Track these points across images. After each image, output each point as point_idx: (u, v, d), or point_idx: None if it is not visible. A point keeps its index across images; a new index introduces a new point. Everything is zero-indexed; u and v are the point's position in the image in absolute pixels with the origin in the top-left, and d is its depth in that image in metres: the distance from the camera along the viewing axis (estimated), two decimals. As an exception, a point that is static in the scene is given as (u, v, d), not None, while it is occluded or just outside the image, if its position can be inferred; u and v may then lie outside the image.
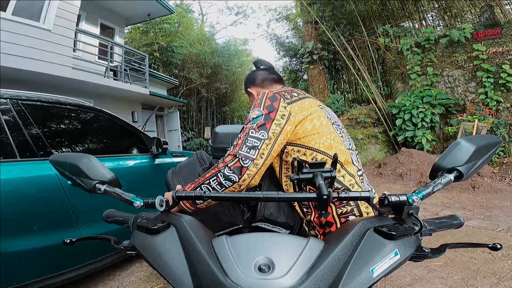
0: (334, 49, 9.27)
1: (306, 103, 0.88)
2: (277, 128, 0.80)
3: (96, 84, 5.87)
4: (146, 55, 7.88)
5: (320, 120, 0.87)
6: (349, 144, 0.93)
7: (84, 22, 6.98)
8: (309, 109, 0.86)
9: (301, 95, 0.91)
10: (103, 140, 2.29)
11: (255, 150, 0.75)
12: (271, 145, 0.78)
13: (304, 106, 0.86)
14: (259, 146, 0.76)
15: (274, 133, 0.79)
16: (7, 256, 1.39)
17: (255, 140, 0.76)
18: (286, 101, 0.84)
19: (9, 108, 1.59)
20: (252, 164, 0.74)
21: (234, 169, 0.74)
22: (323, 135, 0.85)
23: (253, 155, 0.75)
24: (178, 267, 0.51)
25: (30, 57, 4.54)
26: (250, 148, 0.75)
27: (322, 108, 0.92)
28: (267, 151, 0.77)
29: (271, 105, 0.82)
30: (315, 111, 0.87)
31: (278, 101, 0.83)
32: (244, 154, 0.74)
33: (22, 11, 4.73)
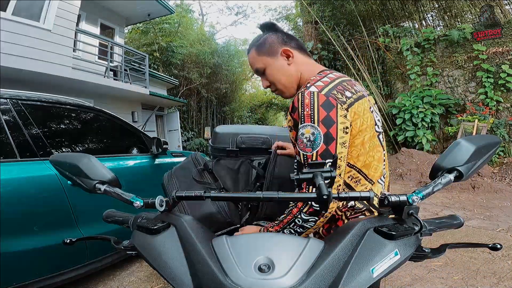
0: (334, 49, 9.27)
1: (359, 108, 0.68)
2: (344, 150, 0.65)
3: (96, 84, 5.87)
4: (146, 55, 7.88)
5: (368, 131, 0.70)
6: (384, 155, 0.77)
7: (84, 22, 6.99)
8: (361, 116, 0.68)
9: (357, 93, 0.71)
10: (103, 140, 2.29)
11: None
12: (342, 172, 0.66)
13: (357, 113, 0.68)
14: None
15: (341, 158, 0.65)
16: (7, 256, 1.39)
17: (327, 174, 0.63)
18: (344, 106, 0.66)
19: (9, 108, 1.59)
20: None
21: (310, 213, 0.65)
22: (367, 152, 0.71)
23: None
24: (178, 267, 0.51)
25: (30, 57, 4.54)
26: None
27: (373, 112, 0.74)
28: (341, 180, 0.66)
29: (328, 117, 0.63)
30: (367, 119, 0.70)
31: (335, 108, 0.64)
32: None
33: (22, 11, 4.73)
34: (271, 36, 0.81)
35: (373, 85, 8.06)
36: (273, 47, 0.80)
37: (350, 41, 8.89)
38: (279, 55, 0.79)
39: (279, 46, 0.80)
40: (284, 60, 0.79)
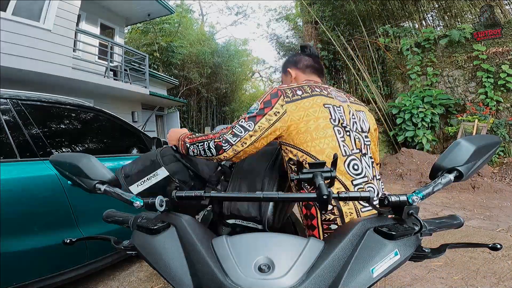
0: (334, 49, 9.27)
1: (307, 103, 0.85)
2: (266, 123, 0.83)
3: (96, 84, 5.87)
4: (146, 55, 7.88)
5: (318, 122, 0.84)
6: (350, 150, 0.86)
7: (84, 22, 6.99)
8: (307, 109, 0.85)
9: (306, 94, 0.87)
10: (103, 140, 2.29)
11: (237, 138, 0.83)
12: (256, 137, 0.84)
13: (303, 106, 0.85)
14: (242, 136, 0.83)
15: (260, 127, 0.83)
16: (7, 256, 1.39)
17: (241, 129, 0.83)
18: (286, 99, 0.85)
19: (9, 108, 1.59)
20: (230, 148, 0.83)
21: (216, 146, 0.84)
22: (317, 139, 0.83)
23: (233, 142, 0.83)
24: (178, 267, 0.51)
25: (30, 57, 4.54)
26: (233, 135, 0.83)
27: (328, 108, 0.87)
28: (250, 141, 0.84)
29: (269, 101, 0.85)
30: (315, 112, 0.85)
31: (277, 98, 0.85)
32: (226, 138, 0.83)
33: (22, 11, 4.73)
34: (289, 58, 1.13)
35: (373, 85, 8.06)
36: (285, 67, 1.11)
37: (350, 41, 8.89)
38: (287, 72, 1.09)
39: (288, 66, 1.10)
40: (289, 77, 1.08)
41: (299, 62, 1.07)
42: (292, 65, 1.08)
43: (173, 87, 11.02)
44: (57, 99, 1.89)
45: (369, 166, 0.89)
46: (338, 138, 0.85)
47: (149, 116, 8.21)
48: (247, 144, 0.83)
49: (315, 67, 1.06)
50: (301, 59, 1.07)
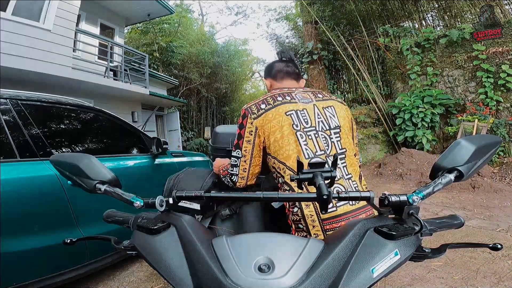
0: (334, 49, 9.27)
1: (270, 115, 0.92)
2: (248, 145, 0.93)
3: (96, 84, 5.87)
4: (146, 55, 7.88)
5: (282, 130, 0.90)
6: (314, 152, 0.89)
7: (84, 22, 6.98)
8: (271, 121, 0.91)
9: (269, 106, 0.93)
10: (103, 140, 2.29)
11: (237, 168, 0.95)
12: (249, 159, 0.94)
13: (267, 119, 0.91)
14: (238, 164, 0.95)
15: (246, 150, 0.93)
16: (7, 256, 1.39)
17: (234, 159, 0.95)
18: (253, 116, 0.93)
19: (9, 108, 1.59)
20: (238, 178, 0.96)
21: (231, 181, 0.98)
22: (283, 146, 0.90)
23: (236, 172, 0.95)
24: (178, 267, 0.51)
25: (30, 57, 4.54)
26: (233, 166, 0.96)
27: (291, 115, 0.91)
28: (247, 165, 0.94)
29: (242, 123, 0.94)
30: (278, 122, 0.91)
31: (246, 118, 0.93)
32: (230, 172, 0.97)
33: (22, 11, 4.73)
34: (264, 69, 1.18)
35: (373, 85, 8.05)
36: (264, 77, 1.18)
37: (350, 41, 8.89)
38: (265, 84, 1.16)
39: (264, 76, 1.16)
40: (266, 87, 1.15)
41: (271, 70, 1.11)
42: (266, 75, 1.14)
43: (173, 87, 11.01)
44: (57, 99, 1.89)
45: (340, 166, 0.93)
46: (301, 142, 0.90)
47: (149, 116, 8.21)
48: (246, 168, 0.94)
49: (285, 71, 1.09)
50: (273, 67, 1.11)
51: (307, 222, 0.87)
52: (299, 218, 0.89)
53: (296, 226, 0.91)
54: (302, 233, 0.89)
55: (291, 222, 0.92)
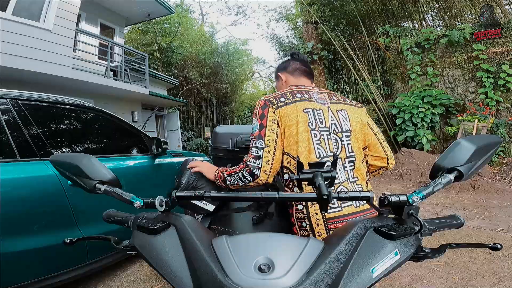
0: (334, 49, 9.27)
1: (289, 110, 0.92)
2: (272, 134, 0.89)
3: (96, 84, 5.86)
4: (146, 55, 7.88)
5: (298, 126, 0.90)
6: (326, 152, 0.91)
7: (84, 22, 6.98)
8: (290, 115, 0.91)
9: (288, 100, 0.93)
10: (103, 140, 2.29)
11: (260, 160, 0.88)
12: (273, 150, 0.89)
13: (287, 113, 0.91)
14: (261, 155, 0.88)
15: (270, 140, 0.89)
16: (7, 256, 1.39)
17: (257, 150, 0.89)
18: (274, 107, 0.91)
19: (9, 108, 1.59)
20: (260, 171, 0.88)
21: (250, 173, 0.89)
22: (298, 142, 0.90)
23: (259, 164, 0.88)
24: (178, 267, 0.51)
25: (30, 57, 4.54)
26: (255, 158, 0.89)
27: (308, 113, 0.93)
28: (271, 156, 0.89)
29: (262, 113, 0.91)
30: (296, 117, 0.91)
31: (267, 108, 0.91)
32: (252, 164, 0.89)
33: (22, 11, 4.73)
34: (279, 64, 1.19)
35: (373, 85, 8.06)
36: (276, 73, 1.17)
37: (350, 41, 8.89)
38: (279, 78, 1.15)
39: (278, 71, 1.15)
40: (280, 81, 1.14)
41: (288, 67, 1.13)
42: (282, 70, 1.15)
43: (173, 87, 11.01)
44: (57, 99, 1.89)
45: (342, 169, 0.93)
46: (314, 141, 0.91)
47: (149, 116, 8.20)
48: (270, 160, 0.89)
49: (303, 70, 1.11)
50: (290, 64, 1.13)
51: (311, 221, 0.88)
52: (303, 217, 0.89)
53: (299, 225, 0.91)
54: (305, 232, 0.90)
55: (295, 220, 0.92)
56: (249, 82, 20.46)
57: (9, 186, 1.44)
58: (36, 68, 4.60)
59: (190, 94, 12.62)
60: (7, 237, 1.39)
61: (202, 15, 20.32)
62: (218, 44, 14.65)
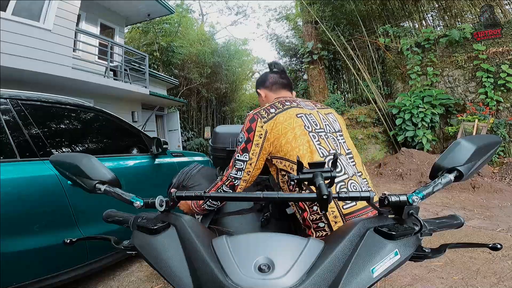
0: (334, 49, 9.27)
1: (281, 118, 0.94)
2: (256, 148, 0.93)
3: (96, 84, 5.86)
4: (146, 55, 7.87)
5: (294, 132, 0.92)
6: (328, 151, 0.93)
7: (84, 22, 6.98)
8: (283, 123, 0.93)
9: (279, 109, 0.96)
10: (103, 140, 2.29)
11: (241, 171, 0.94)
12: (255, 163, 0.94)
13: (278, 122, 0.93)
14: (244, 168, 0.94)
15: (254, 153, 0.93)
16: (7, 256, 1.39)
17: (240, 163, 0.94)
18: (263, 120, 0.94)
19: (9, 108, 1.59)
20: (241, 181, 0.94)
21: (229, 186, 0.95)
22: (296, 147, 0.91)
23: (240, 175, 0.94)
24: (178, 267, 0.51)
25: (30, 57, 4.54)
26: (237, 170, 0.94)
27: (301, 117, 0.95)
28: (252, 168, 0.94)
29: (250, 127, 0.94)
30: (290, 124, 0.93)
31: (255, 122, 0.94)
32: (234, 176, 0.94)
33: (22, 11, 4.72)
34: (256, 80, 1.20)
35: (373, 85, 8.06)
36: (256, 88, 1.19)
37: (350, 41, 8.89)
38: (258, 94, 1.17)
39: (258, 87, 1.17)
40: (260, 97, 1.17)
41: (266, 81, 1.14)
42: (260, 86, 1.16)
43: (173, 87, 11.01)
44: (57, 99, 1.89)
45: (348, 164, 0.95)
46: (314, 142, 0.93)
47: (149, 116, 8.20)
48: (251, 171, 0.94)
49: (281, 83, 1.12)
50: (267, 78, 1.14)
51: (329, 219, 0.87)
52: (319, 217, 0.89)
53: (315, 226, 0.90)
54: (323, 232, 0.89)
55: (310, 222, 0.91)
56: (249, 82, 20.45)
57: (9, 186, 1.43)
58: (36, 68, 4.59)
59: (190, 94, 12.62)
60: (7, 237, 1.39)
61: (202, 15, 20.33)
62: (218, 44, 14.65)
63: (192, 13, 15.17)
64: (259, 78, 1.19)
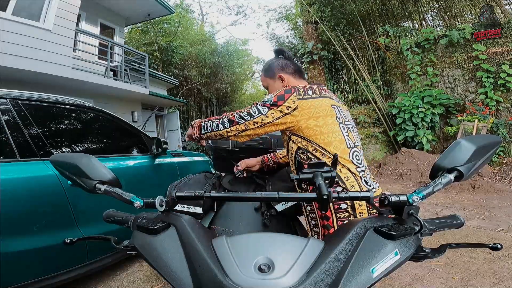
0: (334, 49, 9.27)
1: (317, 103, 0.96)
2: (277, 113, 0.93)
3: (96, 84, 5.86)
4: (146, 55, 7.88)
5: (326, 119, 0.95)
6: (354, 143, 0.98)
7: (84, 22, 6.98)
8: (317, 108, 0.95)
9: (316, 95, 0.98)
10: (103, 140, 2.29)
11: (250, 117, 0.94)
12: (266, 121, 0.93)
13: (313, 105, 0.95)
14: (255, 116, 0.93)
15: (272, 114, 0.93)
16: (7, 256, 1.39)
17: (255, 110, 0.94)
18: (298, 96, 0.94)
19: (9, 108, 1.59)
20: (243, 123, 0.94)
21: (229, 120, 0.96)
22: (325, 133, 0.94)
23: (247, 119, 0.94)
24: (178, 267, 0.51)
25: (30, 57, 4.54)
26: (248, 114, 0.94)
27: (334, 108, 0.99)
28: (260, 123, 0.94)
29: (282, 96, 0.94)
30: (324, 111, 0.95)
31: (290, 94, 0.94)
32: (241, 115, 0.95)
33: (22, 11, 4.73)
34: (274, 63, 1.14)
35: (373, 85, 8.05)
36: (273, 72, 1.13)
37: (350, 41, 8.89)
38: (277, 78, 1.11)
39: (277, 71, 1.11)
40: (280, 82, 1.11)
41: (286, 67, 1.12)
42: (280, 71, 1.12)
43: (173, 87, 11.01)
44: (57, 99, 1.89)
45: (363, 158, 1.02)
46: (343, 133, 0.97)
47: (149, 116, 8.20)
48: (257, 124, 0.94)
49: (300, 71, 1.14)
50: (287, 64, 1.12)
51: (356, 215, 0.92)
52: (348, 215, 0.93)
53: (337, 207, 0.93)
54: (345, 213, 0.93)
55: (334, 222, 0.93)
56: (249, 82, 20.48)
57: (9, 186, 1.43)
58: (36, 68, 4.60)
59: (190, 94, 12.62)
60: (7, 237, 1.39)
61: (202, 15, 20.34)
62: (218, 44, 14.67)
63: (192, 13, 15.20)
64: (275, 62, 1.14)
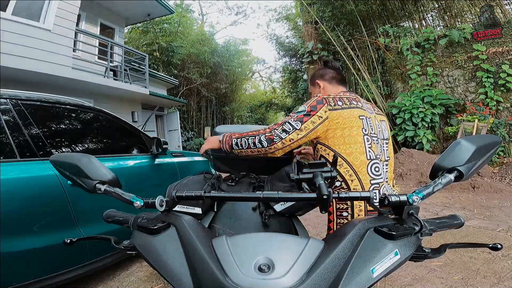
0: (334, 49, 9.26)
1: (345, 113, 1.01)
2: (310, 125, 0.99)
3: (96, 84, 5.86)
4: (146, 55, 7.87)
5: (352, 130, 1.00)
6: (375, 155, 1.02)
7: (84, 22, 6.98)
8: (345, 118, 1.00)
9: (346, 105, 1.03)
10: (103, 140, 2.29)
11: (286, 134, 0.98)
12: (301, 135, 0.99)
13: (342, 116, 1.00)
14: (290, 132, 0.98)
15: (306, 128, 0.98)
16: (7, 256, 1.39)
17: (290, 126, 0.98)
18: (329, 107, 1.00)
19: (9, 108, 1.59)
20: (280, 142, 0.98)
21: (268, 139, 0.99)
22: (348, 144, 0.99)
23: (283, 136, 0.98)
24: (178, 267, 0.51)
25: (30, 57, 4.53)
26: (283, 130, 0.98)
27: (362, 119, 1.03)
28: (296, 138, 0.99)
29: (315, 106, 1.00)
30: (351, 122, 1.00)
31: (322, 105, 1.00)
32: (277, 133, 0.98)
33: (22, 11, 4.72)
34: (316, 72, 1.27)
35: (373, 85, 8.05)
36: (313, 80, 1.25)
37: (350, 41, 8.88)
38: (315, 85, 1.23)
39: (316, 78, 1.24)
40: (318, 88, 1.22)
41: (325, 75, 1.22)
42: (319, 78, 1.23)
43: (173, 87, 11.00)
44: (57, 99, 1.89)
45: (385, 170, 1.07)
46: (366, 144, 1.01)
47: (149, 116, 8.20)
48: (294, 140, 0.98)
49: (339, 78, 1.21)
50: (327, 72, 1.22)
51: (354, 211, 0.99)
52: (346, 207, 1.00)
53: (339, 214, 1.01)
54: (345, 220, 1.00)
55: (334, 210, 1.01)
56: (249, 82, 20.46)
57: (9, 186, 1.43)
58: (36, 68, 4.59)
59: (190, 94, 12.62)
60: (7, 237, 1.39)
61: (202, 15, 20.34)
62: (218, 44, 14.66)
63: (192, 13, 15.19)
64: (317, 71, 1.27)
